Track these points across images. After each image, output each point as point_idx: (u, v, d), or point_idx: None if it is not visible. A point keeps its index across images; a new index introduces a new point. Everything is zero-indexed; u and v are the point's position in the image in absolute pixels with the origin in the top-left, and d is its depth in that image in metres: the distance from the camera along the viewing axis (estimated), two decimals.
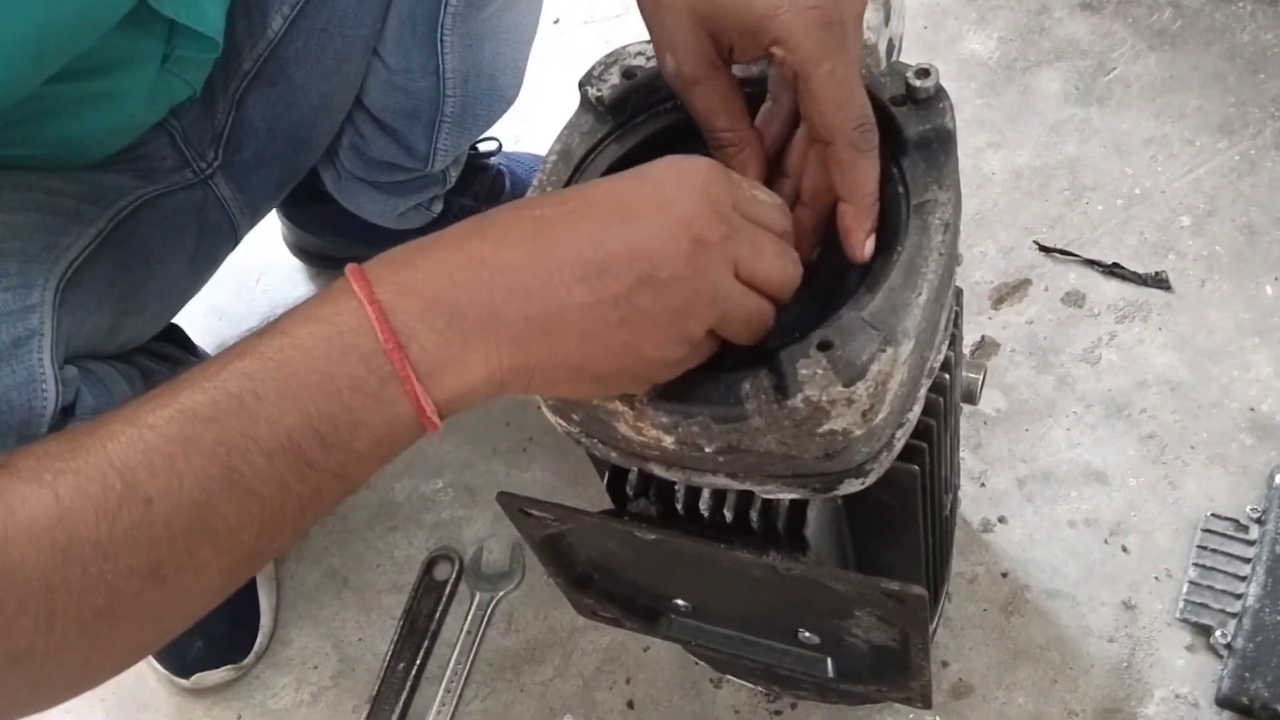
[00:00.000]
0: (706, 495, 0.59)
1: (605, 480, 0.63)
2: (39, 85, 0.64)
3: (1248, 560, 0.90)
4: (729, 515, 0.59)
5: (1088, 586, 0.93)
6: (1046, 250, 1.12)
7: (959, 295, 0.66)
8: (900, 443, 0.57)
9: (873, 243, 0.55)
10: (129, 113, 0.79)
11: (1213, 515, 0.93)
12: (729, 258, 0.50)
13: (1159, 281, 1.08)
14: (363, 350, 0.44)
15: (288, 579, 1.09)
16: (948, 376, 0.64)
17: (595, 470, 0.68)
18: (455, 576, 1.05)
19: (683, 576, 0.67)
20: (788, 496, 0.58)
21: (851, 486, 0.56)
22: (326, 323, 0.44)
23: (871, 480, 0.57)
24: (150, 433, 0.42)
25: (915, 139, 0.57)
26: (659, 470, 0.59)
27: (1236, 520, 0.93)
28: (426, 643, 1.02)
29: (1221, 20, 1.25)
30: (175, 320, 0.96)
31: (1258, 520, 0.92)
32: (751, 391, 0.52)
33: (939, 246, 0.54)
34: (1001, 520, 0.98)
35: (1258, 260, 1.08)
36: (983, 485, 1.00)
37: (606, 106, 0.63)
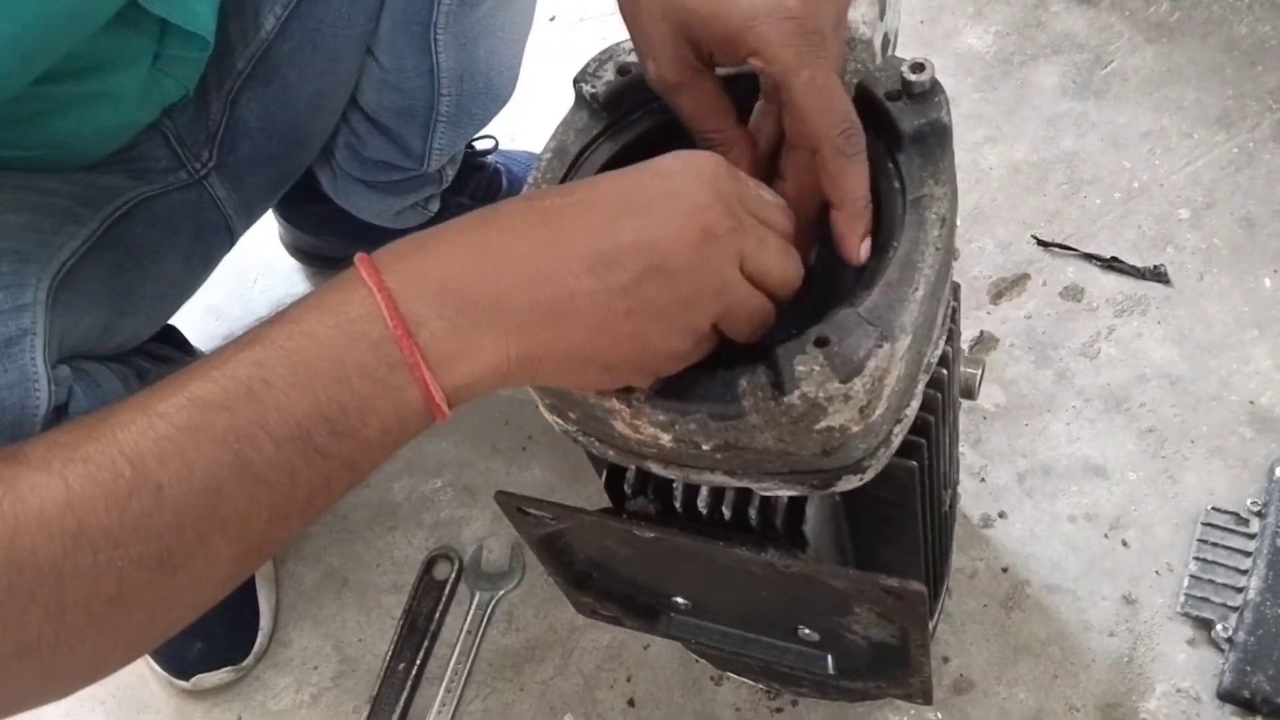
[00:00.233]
0: (704, 493, 0.59)
1: (603, 479, 0.63)
2: (27, 85, 0.64)
3: (1248, 554, 0.90)
4: (727, 513, 0.59)
5: (1088, 581, 0.93)
6: (1044, 245, 1.12)
7: (956, 290, 0.65)
8: (898, 439, 0.57)
9: (868, 245, 0.55)
10: (122, 113, 0.79)
11: (1213, 509, 0.93)
12: (735, 251, 0.50)
13: (1157, 275, 1.08)
14: (372, 337, 0.44)
15: (287, 579, 1.09)
16: (946, 372, 0.64)
17: (594, 469, 0.68)
18: (455, 576, 1.05)
19: (682, 574, 0.66)
20: (786, 493, 0.58)
21: (849, 483, 0.56)
22: (336, 310, 0.44)
23: (870, 476, 0.57)
24: (160, 420, 0.42)
25: (911, 133, 0.56)
26: (657, 468, 0.59)
27: (1237, 514, 0.92)
28: (427, 642, 1.01)
29: (1219, 12, 1.25)
30: (172, 321, 0.95)
31: (1258, 514, 0.92)
32: (748, 388, 0.51)
33: (935, 241, 0.54)
34: (1001, 515, 0.98)
35: (1256, 253, 1.07)
36: (982, 480, 1.00)
37: (601, 103, 0.63)
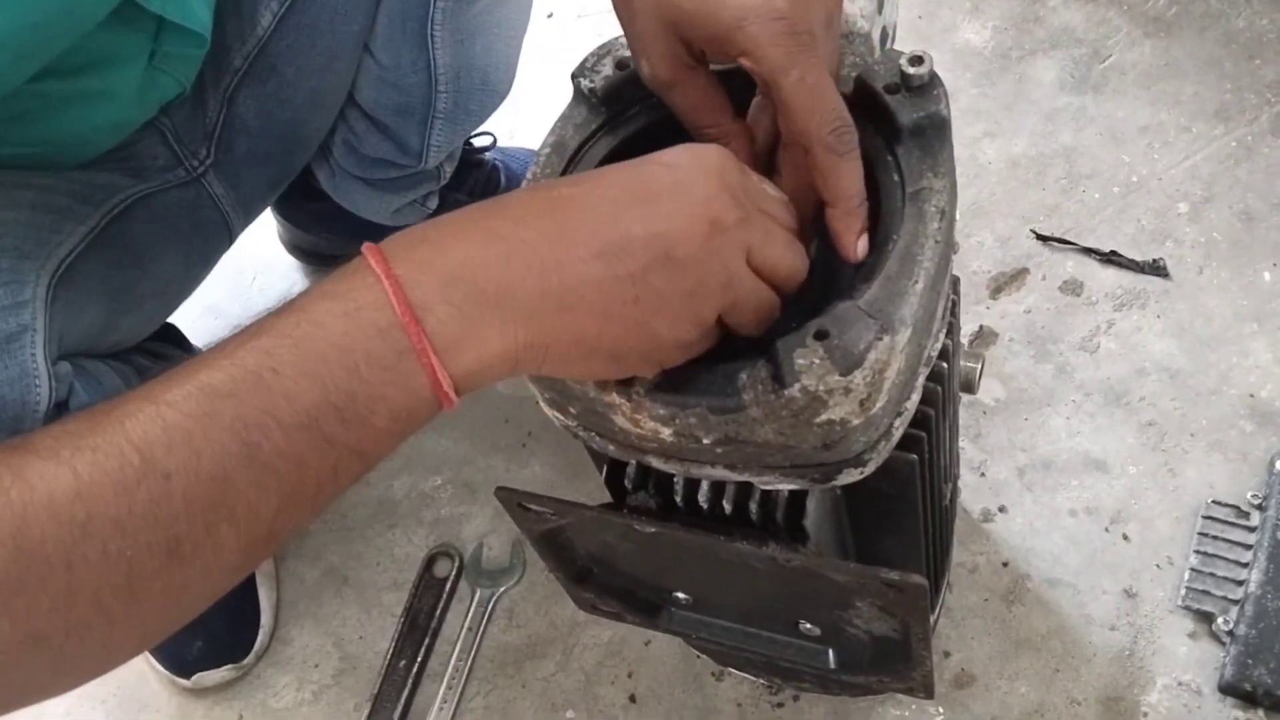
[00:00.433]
0: (705, 487, 0.59)
1: (604, 474, 0.63)
2: (23, 82, 0.64)
3: (1249, 547, 0.90)
4: (728, 507, 0.59)
5: (1089, 575, 0.93)
6: (1044, 239, 1.12)
7: (956, 284, 0.65)
8: (899, 432, 0.57)
9: (865, 242, 0.55)
10: (119, 111, 0.79)
11: (1213, 502, 0.93)
12: (743, 243, 0.50)
13: (1157, 269, 1.08)
14: (380, 324, 0.44)
15: (288, 577, 1.08)
16: (946, 365, 0.64)
17: (594, 464, 0.68)
18: (455, 573, 1.05)
19: (683, 569, 0.66)
20: (786, 487, 0.58)
21: (850, 476, 0.56)
22: (344, 299, 0.44)
23: (870, 470, 0.56)
24: (169, 409, 0.42)
25: (910, 127, 0.56)
26: (657, 463, 0.59)
27: (1237, 507, 0.92)
28: (427, 640, 1.01)
29: (1216, 6, 1.25)
30: (171, 319, 0.95)
31: (1259, 506, 0.92)
32: (749, 382, 0.51)
33: (935, 234, 0.54)
34: (1002, 510, 0.98)
35: (1255, 246, 1.07)
36: (982, 475, 1.00)
37: (600, 98, 0.63)
